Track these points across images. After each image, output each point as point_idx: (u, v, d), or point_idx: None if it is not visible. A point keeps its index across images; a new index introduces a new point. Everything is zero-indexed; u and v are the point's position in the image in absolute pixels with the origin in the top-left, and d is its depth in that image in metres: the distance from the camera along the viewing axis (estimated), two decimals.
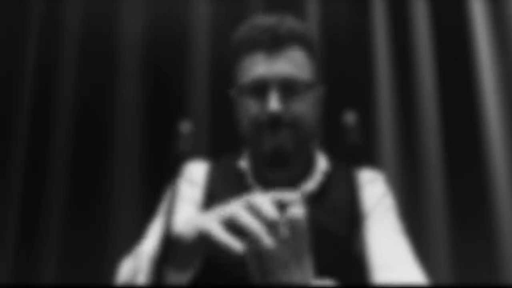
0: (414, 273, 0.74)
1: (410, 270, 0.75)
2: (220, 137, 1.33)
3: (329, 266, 0.69)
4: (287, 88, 0.78)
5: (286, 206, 0.55)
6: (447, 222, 1.29)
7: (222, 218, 0.53)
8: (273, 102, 0.75)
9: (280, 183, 0.84)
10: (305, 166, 0.86)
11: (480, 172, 1.31)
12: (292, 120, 0.78)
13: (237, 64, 0.83)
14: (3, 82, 1.36)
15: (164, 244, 0.59)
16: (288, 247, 0.57)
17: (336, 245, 0.77)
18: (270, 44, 0.78)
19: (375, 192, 0.86)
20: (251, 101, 0.79)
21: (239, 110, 0.83)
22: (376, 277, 0.73)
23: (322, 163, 0.88)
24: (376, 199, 0.85)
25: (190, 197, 0.87)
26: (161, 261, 0.58)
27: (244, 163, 0.88)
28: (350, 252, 0.76)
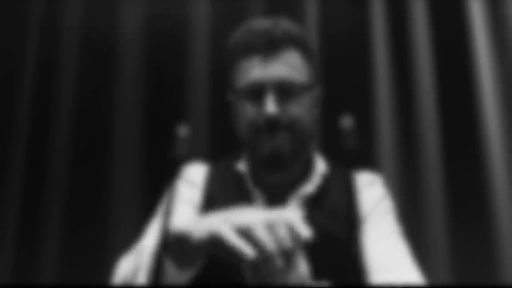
0: (412, 275, 0.75)
1: (408, 272, 0.75)
2: (220, 137, 1.33)
3: (328, 269, 0.69)
4: (284, 91, 0.78)
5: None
6: (446, 223, 1.29)
7: (238, 227, 0.53)
8: (270, 105, 0.76)
9: (279, 186, 0.84)
10: (304, 169, 0.86)
11: (479, 173, 1.31)
12: (289, 123, 0.78)
13: (234, 68, 0.84)
14: (3, 82, 1.36)
15: (164, 243, 0.59)
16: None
17: (335, 248, 0.77)
18: (266, 47, 0.78)
19: (374, 195, 0.86)
20: (248, 105, 0.79)
21: (237, 114, 0.83)
22: (374, 279, 0.73)
23: (321, 166, 0.88)
24: (375, 202, 0.85)
25: (189, 198, 0.87)
26: (161, 258, 0.59)
27: (243, 166, 0.88)
28: (349, 255, 0.76)
